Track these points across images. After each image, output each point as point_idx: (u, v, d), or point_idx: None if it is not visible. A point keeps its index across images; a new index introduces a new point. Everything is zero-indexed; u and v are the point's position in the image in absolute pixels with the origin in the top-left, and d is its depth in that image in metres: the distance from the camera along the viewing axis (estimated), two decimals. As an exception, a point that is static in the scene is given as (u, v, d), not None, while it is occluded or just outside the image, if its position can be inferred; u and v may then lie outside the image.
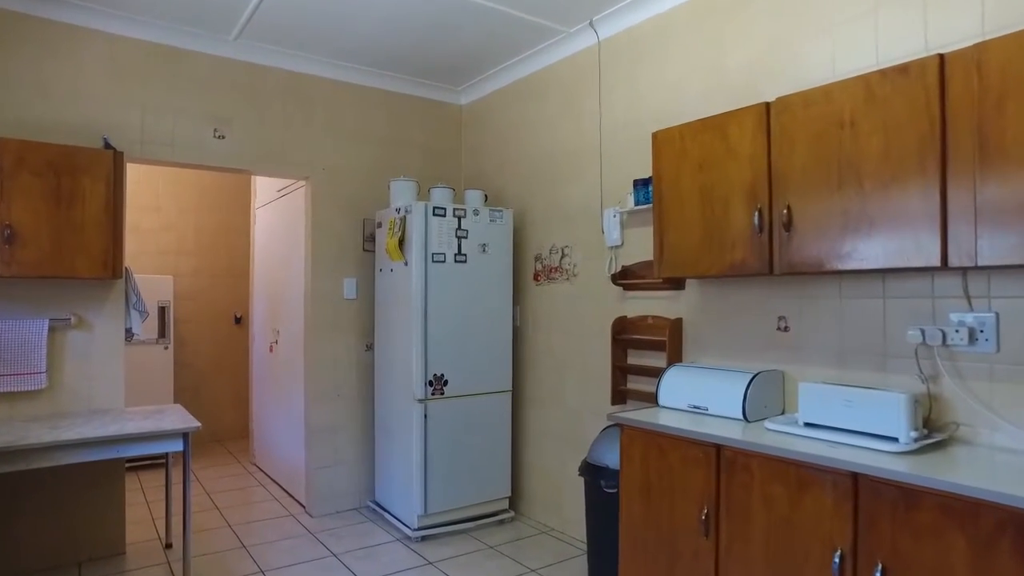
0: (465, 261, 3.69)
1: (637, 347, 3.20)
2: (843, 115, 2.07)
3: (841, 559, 1.84)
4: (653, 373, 3.09)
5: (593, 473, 2.90)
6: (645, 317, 3.17)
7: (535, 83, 3.94)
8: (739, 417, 2.42)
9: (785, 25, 2.61)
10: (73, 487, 3.25)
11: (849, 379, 2.36)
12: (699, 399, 2.57)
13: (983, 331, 2.01)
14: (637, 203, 3.10)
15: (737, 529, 2.13)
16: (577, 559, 3.29)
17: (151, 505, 4.17)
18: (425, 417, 3.56)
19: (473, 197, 3.87)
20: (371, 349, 4.16)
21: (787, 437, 2.14)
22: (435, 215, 3.58)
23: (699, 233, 2.53)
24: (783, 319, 2.59)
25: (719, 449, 2.20)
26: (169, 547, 3.44)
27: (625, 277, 3.24)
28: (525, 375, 3.98)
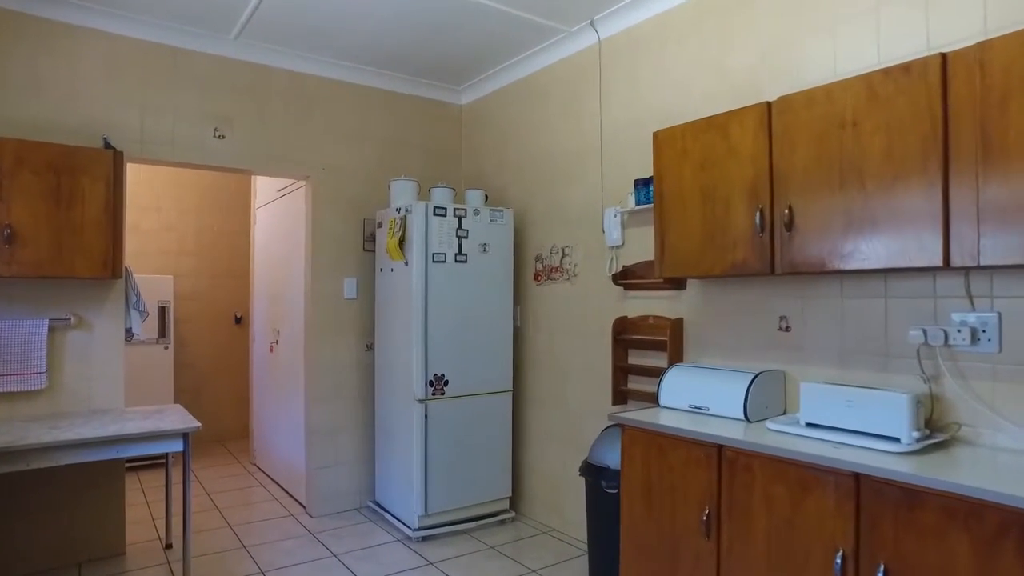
0: (466, 261, 3.68)
1: (638, 347, 3.20)
2: (845, 114, 2.06)
3: (843, 560, 1.83)
4: (654, 373, 3.08)
5: (594, 473, 2.89)
6: (646, 317, 3.16)
7: (536, 83, 3.93)
8: (740, 417, 2.41)
9: (786, 24, 2.61)
10: (73, 487, 3.24)
11: (851, 379, 2.35)
12: (700, 399, 2.56)
13: (985, 331, 2.01)
14: (638, 203, 3.10)
15: (738, 530, 2.13)
16: (578, 559, 3.28)
17: (151, 505, 4.16)
18: (425, 417, 3.56)
19: (474, 197, 3.86)
20: (371, 349, 4.15)
21: (789, 437, 2.13)
22: (436, 215, 3.58)
23: (700, 233, 2.53)
24: (784, 319, 2.58)
25: (720, 449, 2.20)
26: (169, 547, 3.44)
27: (626, 277, 3.23)
28: (526, 375, 3.98)
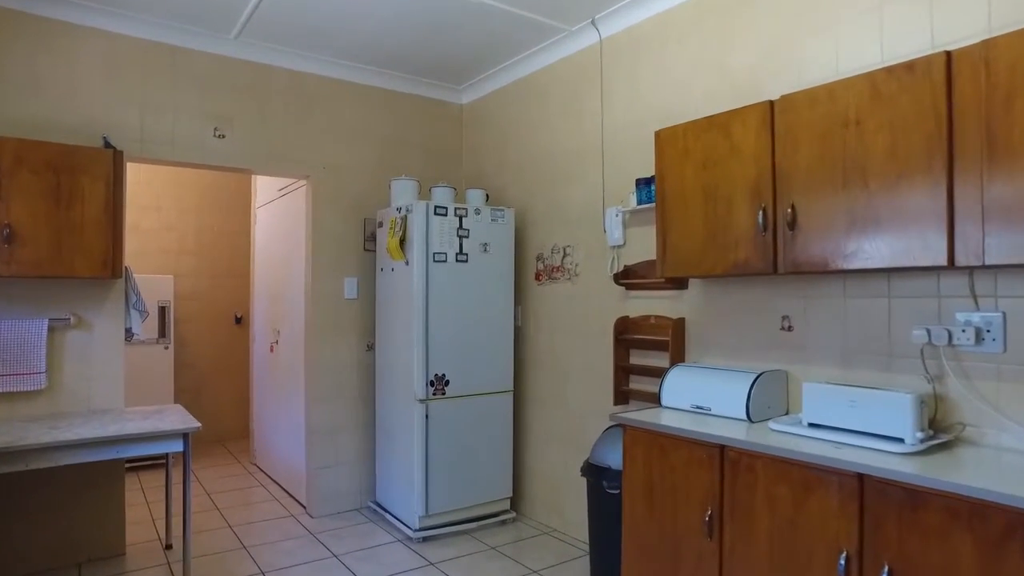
0: (466, 261, 3.67)
1: (639, 347, 3.19)
2: (848, 113, 2.05)
3: (847, 561, 1.82)
4: (656, 373, 3.07)
5: (595, 474, 2.88)
6: (648, 317, 3.15)
7: (536, 82, 3.92)
8: (743, 417, 2.40)
9: (788, 23, 2.60)
10: (72, 488, 3.23)
11: (853, 379, 2.34)
12: (702, 399, 2.55)
13: (990, 331, 2.00)
14: (639, 202, 3.09)
15: (741, 530, 2.12)
16: (579, 560, 3.27)
17: (151, 505, 4.16)
18: (426, 417, 3.55)
19: (474, 196, 3.85)
20: (372, 349, 4.14)
21: (791, 438, 2.12)
22: (436, 214, 3.57)
23: (702, 232, 2.52)
24: (787, 319, 2.57)
25: (723, 450, 2.19)
26: (169, 548, 3.43)
27: (627, 277, 3.22)
28: (527, 375, 3.97)
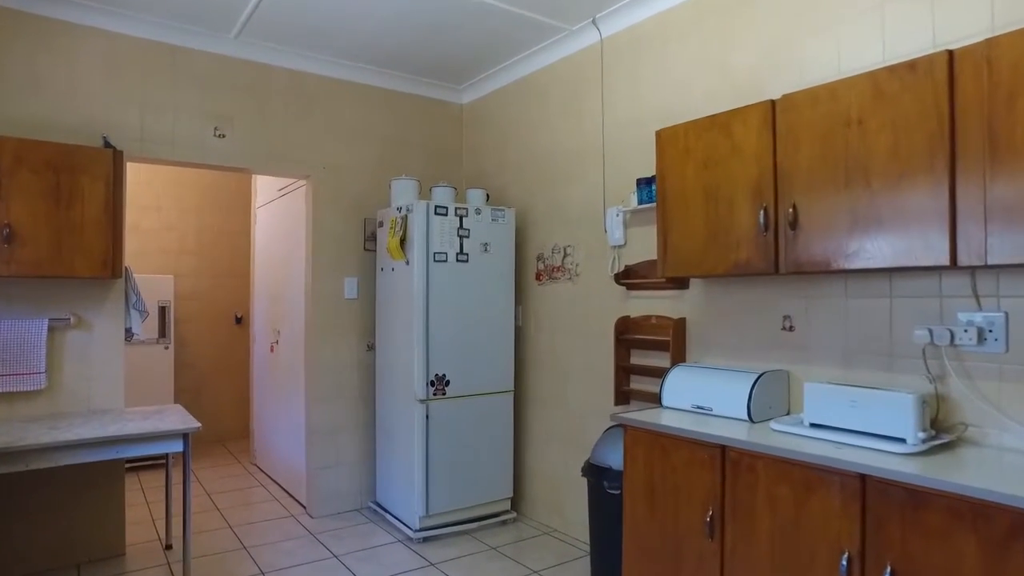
0: (467, 260, 3.67)
1: (640, 347, 3.18)
2: (850, 113, 2.05)
3: (849, 561, 1.82)
4: (656, 373, 3.07)
5: (596, 474, 2.88)
6: (648, 317, 3.14)
7: (537, 82, 3.91)
8: (744, 418, 2.40)
9: (789, 22, 2.59)
10: (72, 488, 3.23)
11: (855, 379, 2.34)
12: (703, 399, 2.55)
13: (992, 331, 1.99)
14: (640, 202, 3.08)
15: (742, 531, 2.11)
16: (580, 560, 3.27)
17: (151, 506, 4.15)
18: (427, 417, 3.54)
19: (475, 196, 3.85)
20: (372, 349, 4.14)
21: (793, 438, 2.12)
22: (437, 214, 3.56)
23: (703, 232, 2.51)
24: (788, 319, 2.56)
25: (724, 450, 2.18)
26: (169, 548, 3.43)
27: (628, 277, 3.22)
28: (527, 375, 3.96)
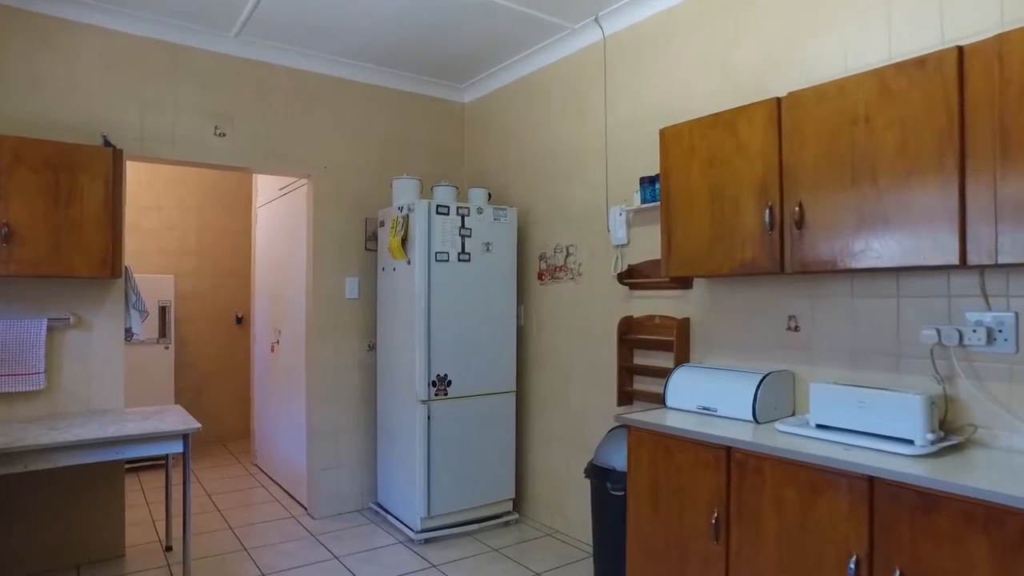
0: (469, 260, 3.64)
1: (644, 347, 3.16)
2: (857, 110, 2.02)
3: (857, 565, 1.79)
4: (660, 374, 3.04)
5: (599, 475, 2.85)
6: (652, 317, 3.12)
7: (539, 80, 3.89)
8: (749, 419, 2.37)
9: (793, 20, 2.57)
10: (72, 489, 3.21)
11: (861, 380, 2.31)
12: (708, 400, 2.52)
13: (1001, 331, 1.96)
14: (644, 201, 3.06)
15: (748, 533, 2.09)
16: (582, 562, 3.24)
17: (151, 506, 4.13)
18: (428, 418, 3.52)
19: (477, 195, 3.82)
20: (373, 349, 4.12)
21: (799, 439, 2.09)
22: (438, 213, 3.54)
23: (708, 231, 2.49)
24: (793, 318, 2.54)
25: (729, 451, 2.16)
26: (169, 550, 3.41)
27: (631, 276, 3.19)
28: (529, 376, 3.94)
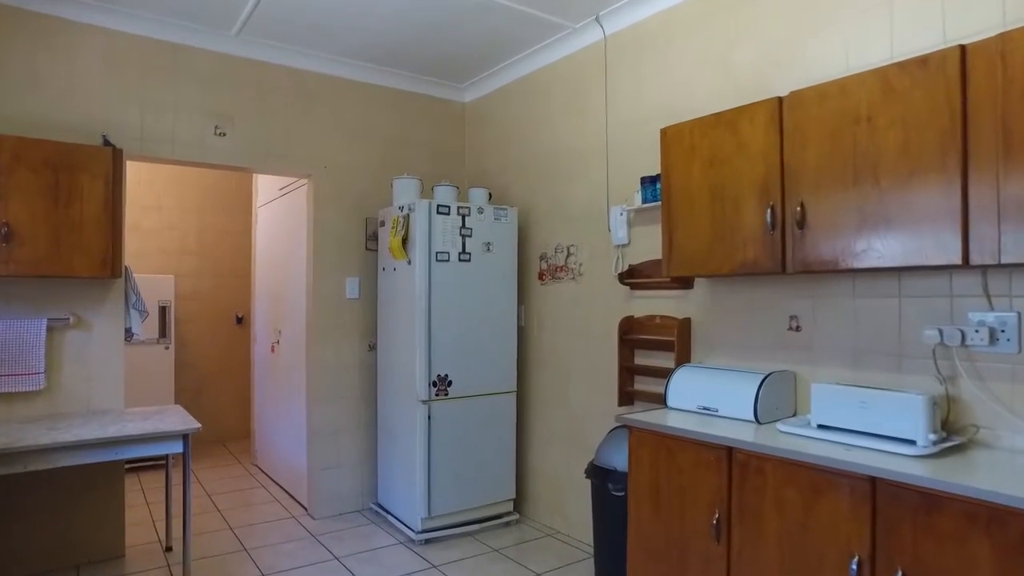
0: (469, 260, 3.64)
1: (644, 347, 3.15)
2: (859, 109, 2.02)
3: (859, 565, 1.79)
4: (661, 374, 3.04)
5: (600, 476, 2.85)
6: (653, 317, 3.11)
7: (540, 80, 3.88)
8: (750, 419, 2.37)
9: (795, 18, 2.56)
10: (72, 489, 3.20)
11: (863, 380, 2.31)
12: (709, 400, 2.52)
13: (1004, 331, 1.96)
14: (644, 201, 3.05)
15: (749, 534, 2.08)
16: (583, 563, 3.24)
17: (151, 507, 4.12)
18: (429, 418, 3.51)
19: (477, 195, 3.82)
20: (374, 349, 4.11)
21: (801, 439, 2.09)
22: (439, 213, 3.53)
23: (709, 231, 2.48)
24: (795, 319, 2.53)
25: (731, 452, 2.15)
26: (169, 550, 3.40)
27: (632, 276, 3.19)
28: (530, 376, 3.93)
